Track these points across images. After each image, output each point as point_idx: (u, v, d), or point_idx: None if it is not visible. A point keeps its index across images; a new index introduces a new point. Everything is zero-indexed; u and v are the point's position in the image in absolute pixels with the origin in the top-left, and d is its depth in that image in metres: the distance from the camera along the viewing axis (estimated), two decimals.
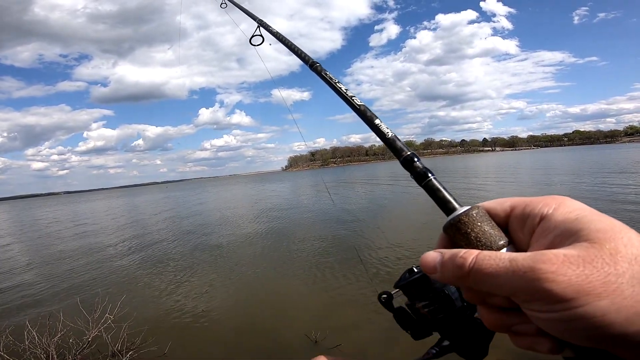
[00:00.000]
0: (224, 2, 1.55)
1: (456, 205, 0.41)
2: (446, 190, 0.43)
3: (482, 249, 0.35)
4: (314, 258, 8.42)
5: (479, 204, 0.39)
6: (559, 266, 0.28)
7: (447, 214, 0.40)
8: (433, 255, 0.36)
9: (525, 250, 0.33)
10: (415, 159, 0.47)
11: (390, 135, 0.51)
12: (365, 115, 0.56)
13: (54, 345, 4.20)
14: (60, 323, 4.53)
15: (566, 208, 0.33)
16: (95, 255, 11.76)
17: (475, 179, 26.00)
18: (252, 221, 15.93)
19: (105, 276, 8.89)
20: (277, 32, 0.94)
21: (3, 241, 19.25)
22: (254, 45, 1.10)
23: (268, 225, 14.00)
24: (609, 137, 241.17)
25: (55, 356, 4.10)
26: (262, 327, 5.17)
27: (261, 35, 1.08)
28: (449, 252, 0.35)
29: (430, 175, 0.44)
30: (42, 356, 4.11)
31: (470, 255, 0.33)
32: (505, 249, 0.36)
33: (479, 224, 0.37)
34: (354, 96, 0.60)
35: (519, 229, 0.36)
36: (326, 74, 0.67)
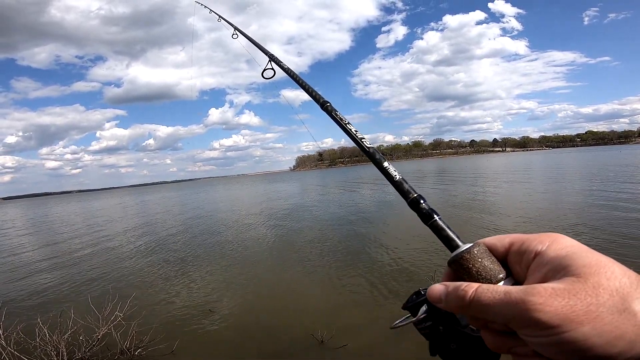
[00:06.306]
0: (235, 33, 1.55)
1: (459, 243, 0.45)
2: (450, 229, 0.47)
3: (482, 282, 0.40)
4: (323, 258, 8.42)
5: (480, 241, 0.44)
6: (547, 298, 0.32)
7: (451, 251, 0.45)
8: (439, 288, 0.41)
9: (522, 282, 0.39)
10: (422, 201, 0.51)
11: (398, 178, 0.55)
12: (375, 158, 0.59)
13: (64, 343, 4.26)
14: (71, 320, 4.61)
15: (558, 245, 0.37)
16: (106, 253, 11.97)
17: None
18: (263, 221, 16.00)
19: (115, 274, 9.04)
20: (288, 68, 0.96)
21: (18, 237, 19.71)
22: (266, 79, 1.12)
23: (279, 227, 14.03)
24: (623, 137, 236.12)
25: (65, 353, 4.16)
26: (269, 326, 5.20)
27: (272, 69, 1.09)
28: (452, 285, 0.40)
29: (435, 216, 0.49)
30: (52, 353, 4.17)
31: (471, 288, 0.38)
32: (503, 282, 0.40)
33: (480, 259, 0.41)
34: (364, 138, 0.61)
35: (517, 263, 0.41)
36: (336, 114, 0.68)
